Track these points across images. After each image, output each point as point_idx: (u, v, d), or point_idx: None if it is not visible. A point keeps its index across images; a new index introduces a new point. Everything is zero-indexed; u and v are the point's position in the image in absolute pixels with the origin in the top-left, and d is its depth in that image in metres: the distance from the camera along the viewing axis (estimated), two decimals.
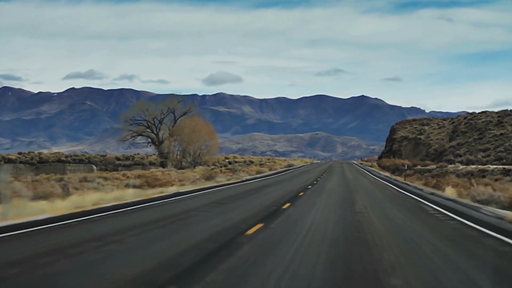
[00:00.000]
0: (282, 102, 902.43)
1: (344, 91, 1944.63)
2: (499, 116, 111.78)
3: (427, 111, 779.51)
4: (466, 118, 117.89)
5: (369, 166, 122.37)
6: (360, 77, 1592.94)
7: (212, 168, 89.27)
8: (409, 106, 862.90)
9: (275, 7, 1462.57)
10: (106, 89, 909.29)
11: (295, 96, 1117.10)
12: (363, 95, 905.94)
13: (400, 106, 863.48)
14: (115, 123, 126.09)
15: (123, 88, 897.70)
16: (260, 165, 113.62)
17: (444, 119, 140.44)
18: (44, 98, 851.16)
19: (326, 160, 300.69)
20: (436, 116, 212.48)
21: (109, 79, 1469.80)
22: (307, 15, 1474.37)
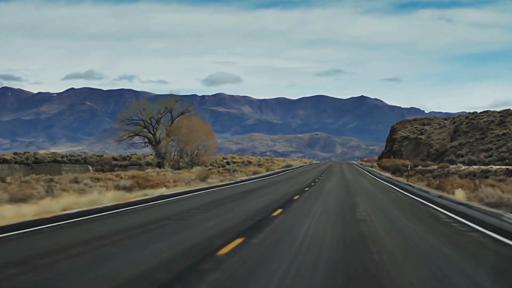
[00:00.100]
0: (281, 102, 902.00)
1: (343, 91, 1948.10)
2: (501, 116, 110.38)
3: (426, 111, 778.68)
4: (467, 118, 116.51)
5: (369, 167, 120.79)
6: (360, 77, 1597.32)
7: (209, 169, 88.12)
8: (408, 107, 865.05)
9: (275, 8, 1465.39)
10: (106, 89, 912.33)
11: (294, 97, 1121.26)
12: (362, 96, 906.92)
13: (400, 107, 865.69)
14: (115, 124, 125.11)
15: (122, 89, 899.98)
16: (258, 165, 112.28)
17: (445, 119, 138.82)
18: (44, 98, 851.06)
19: (326, 161, 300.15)
20: (436, 116, 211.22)
21: (108, 80, 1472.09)
22: (306, 15, 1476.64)
